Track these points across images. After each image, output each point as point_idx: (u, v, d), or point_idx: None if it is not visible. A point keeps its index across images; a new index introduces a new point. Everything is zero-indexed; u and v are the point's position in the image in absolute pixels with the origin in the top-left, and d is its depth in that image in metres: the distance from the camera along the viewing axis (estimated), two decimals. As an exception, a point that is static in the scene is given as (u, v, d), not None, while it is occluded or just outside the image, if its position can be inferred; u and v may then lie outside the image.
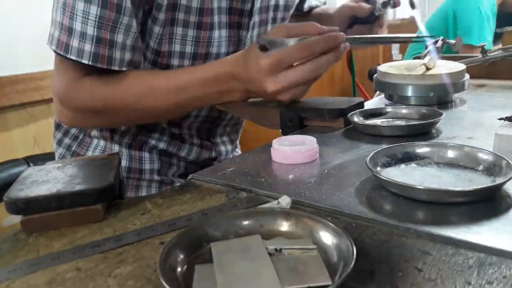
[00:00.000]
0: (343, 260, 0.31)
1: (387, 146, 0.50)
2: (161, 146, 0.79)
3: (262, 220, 0.37)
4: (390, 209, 0.41)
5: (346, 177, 0.49)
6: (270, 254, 0.33)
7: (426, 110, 0.68)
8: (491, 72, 1.06)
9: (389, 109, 0.71)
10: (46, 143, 1.53)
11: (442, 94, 0.80)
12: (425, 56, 0.85)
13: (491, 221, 0.37)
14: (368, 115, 0.69)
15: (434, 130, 0.64)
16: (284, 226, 0.36)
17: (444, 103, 0.81)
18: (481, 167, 0.46)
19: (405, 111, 0.70)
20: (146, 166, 0.79)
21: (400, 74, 0.81)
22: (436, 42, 0.81)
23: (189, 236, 0.34)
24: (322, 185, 0.47)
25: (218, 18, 0.72)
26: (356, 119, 0.66)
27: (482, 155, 0.46)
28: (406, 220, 0.38)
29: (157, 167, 0.79)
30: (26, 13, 1.44)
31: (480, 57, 1.03)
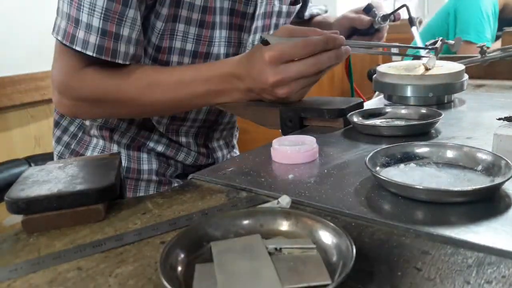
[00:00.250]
0: (343, 259, 0.31)
1: (387, 146, 0.50)
2: (159, 149, 0.79)
3: (262, 219, 0.37)
4: (390, 209, 0.41)
5: (346, 177, 0.49)
6: (270, 254, 0.33)
7: (425, 110, 0.68)
8: (490, 72, 1.06)
9: (388, 109, 0.71)
10: (46, 143, 1.53)
11: (441, 94, 0.81)
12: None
13: (490, 221, 0.38)
14: (367, 115, 0.69)
15: (433, 130, 0.64)
16: (284, 225, 0.37)
17: (443, 103, 0.81)
18: (480, 167, 0.46)
19: (404, 111, 0.70)
20: (145, 167, 0.79)
21: (399, 74, 0.81)
22: (435, 43, 0.81)
23: (189, 235, 0.35)
24: (321, 185, 0.47)
25: (220, 18, 0.72)
26: (355, 119, 0.66)
27: (481, 155, 0.47)
28: (405, 220, 0.39)
29: (155, 168, 0.80)
30: (26, 13, 1.44)
31: (479, 57, 1.03)
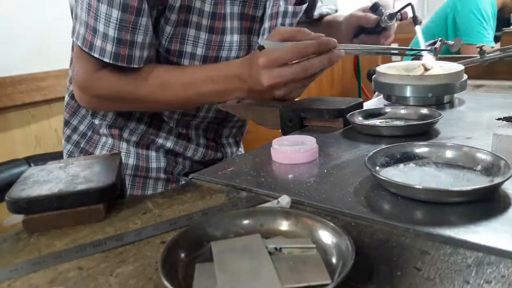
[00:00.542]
0: (343, 259, 0.31)
1: (386, 146, 0.51)
2: (168, 145, 0.81)
3: (262, 219, 0.37)
4: (389, 208, 0.41)
5: (346, 177, 0.49)
6: (270, 253, 0.33)
7: (425, 111, 0.68)
8: (490, 72, 1.06)
9: (388, 109, 0.71)
10: (47, 143, 1.53)
11: (441, 94, 0.81)
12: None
13: (490, 220, 0.38)
14: (367, 115, 0.69)
15: (432, 131, 0.64)
16: (284, 225, 0.37)
17: (442, 104, 0.81)
18: (479, 167, 0.46)
19: (404, 112, 0.70)
20: (153, 165, 0.81)
21: (399, 74, 0.81)
22: (434, 43, 0.81)
23: (189, 235, 0.35)
24: (321, 184, 0.47)
25: (231, 24, 0.75)
26: (355, 119, 0.66)
27: (481, 155, 0.47)
28: (405, 219, 0.39)
29: (163, 166, 0.82)
30: (26, 13, 1.44)
31: (478, 57, 1.04)
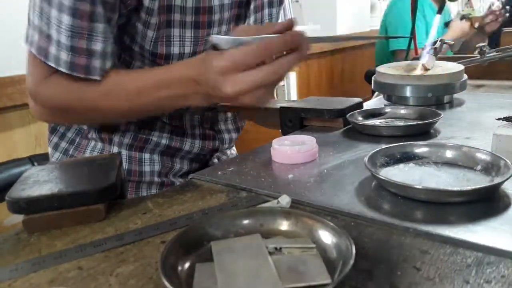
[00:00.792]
0: (343, 259, 0.31)
1: (386, 146, 0.51)
2: (163, 142, 0.78)
3: (262, 219, 0.37)
4: (389, 208, 0.41)
5: (345, 176, 0.49)
6: (270, 253, 0.33)
7: (425, 111, 0.68)
8: (489, 72, 1.06)
9: (388, 109, 0.71)
10: (47, 143, 1.52)
11: (441, 94, 0.81)
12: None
13: (489, 220, 0.38)
14: (367, 115, 0.70)
15: (432, 130, 0.64)
16: (284, 225, 0.37)
17: (442, 104, 0.81)
18: (479, 167, 0.46)
19: (403, 112, 0.70)
20: (146, 168, 0.78)
21: (398, 74, 0.81)
22: (434, 43, 0.81)
23: (189, 235, 0.35)
24: (321, 184, 0.47)
25: (220, 16, 0.71)
26: (355, 119, 0.66)
27: (480, 155, 0.47)
28: (404, 219, 0.39)
29: (157, 169, 0.78)
30: (27, 13, 1.44)
31: (478, 57, 1.04)
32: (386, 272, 0.32)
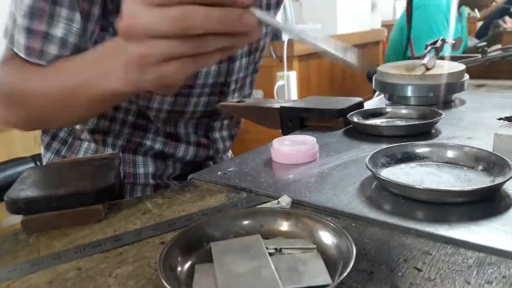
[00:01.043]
0: (343, 259, 0.31)
1: (387, 146, 0.50)
2: (156, 147, 0.76)
3: (262, 220, 0.37)
4: (390, 209, 0.41)
5: (346, 177, 0.49)
6: (270, 254, 0.33)
7: (426, 110, 0.68)
8: (491, 72, 1.06)
9: (389, 109, 0.71)
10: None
11: (442, 94, 0.80)
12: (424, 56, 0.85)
13: (491, 221, 0.38)
14: (368, 115, 0.69)
15: (433, 130, 0.64)
16: (284, 226, 0.36)
17: (443, 103, 0.81)
18: (480, 167, 0.46)
19: (404, 111, 0.70)
20: (140, 170, 0.77)
21: (399, 74, 0.81)
22: (435, 42, 0.81)
23: (189, 235, 0.34)
24: (322, 185, 0.47)
25: None
26: (356, 119, 0.66)
27: (482, 155, 0.47)
28: (405, 220, 0.38)
29: (151, 171, 0.77)
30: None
31: (480, 57, 1.03)
32: (386, 272, 0.32)
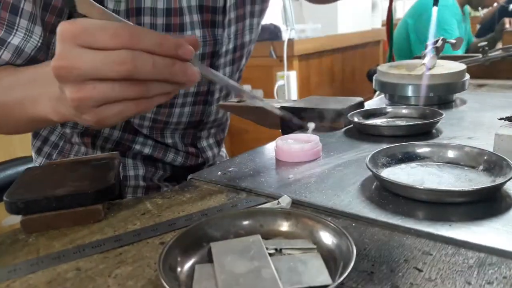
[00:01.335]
0: (343, 260, 0.31)
1: (387, 146, 0.50)
2: (145, 151, 0.76)
3: (262, 220, 0.37)
4: (390, 209, 0.41)
5: (346, 177, 0.49)
6: (270, 254, 0.33)
7: (426, 110, 0.68)
8: (491, 72, 1.06)
9: (389, 109, 0.71)
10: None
11: (443, 94, 0.80)
12: (424, 56, 0.85)
13: (491, 221, 0.37)
14: (368, 115, 0.69)
15: (434, 130, 0.64)
16: (284, 226, 0.36)
17: (444, 103, 0.81)
18: (481, 167, 0.46)
19: (405, 111, 0.70)
20: (130, 173, 0.76)
21: (400, 74, 0.81)
22: (436, 42, 0.81)
23: (189, 236, 0.34)
24: (322, 185, 0.47)
25: (190, 18, 0.67)
26: (356, 119, 0.66)
27: (482, 155, 0.46)
28: (406, 220, 0.38)
29: (141, 173, 0.77)
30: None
31: (480, 57, 1.03)
32: (387, 273, 0.32)
